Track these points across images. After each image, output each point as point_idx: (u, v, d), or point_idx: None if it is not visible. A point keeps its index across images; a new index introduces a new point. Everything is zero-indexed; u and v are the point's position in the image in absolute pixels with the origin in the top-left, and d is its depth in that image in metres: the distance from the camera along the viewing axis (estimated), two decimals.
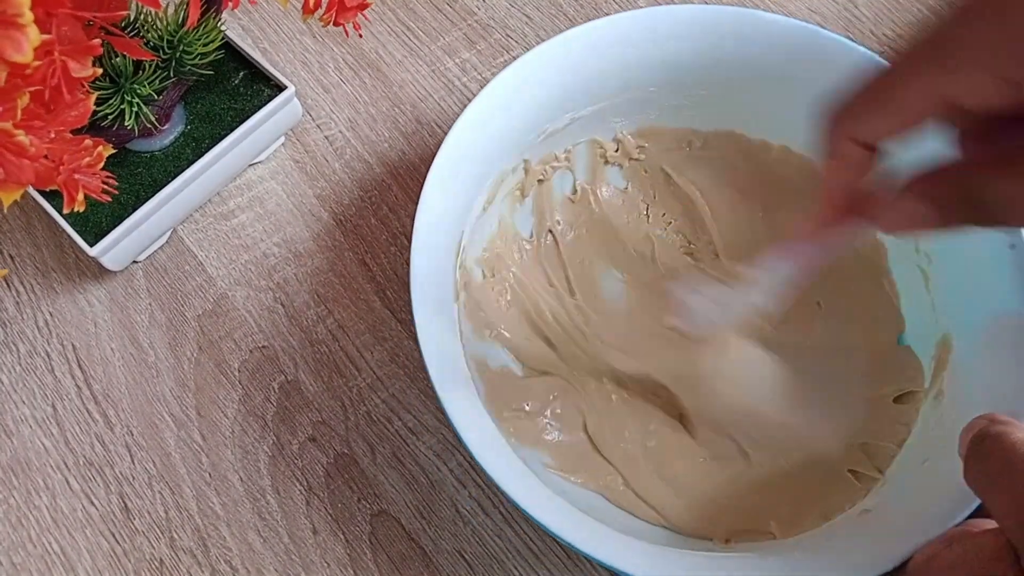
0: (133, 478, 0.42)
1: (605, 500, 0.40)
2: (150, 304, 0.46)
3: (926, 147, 0.28)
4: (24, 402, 0.44)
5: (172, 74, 0.42)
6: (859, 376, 0.42)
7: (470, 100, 0.51)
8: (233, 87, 0.47)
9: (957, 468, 0.31)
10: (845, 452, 0.40)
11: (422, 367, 0.44)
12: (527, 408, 0.41)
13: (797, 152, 0.44)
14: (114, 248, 0.43)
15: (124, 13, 0.33)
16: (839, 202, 0.30)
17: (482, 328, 0.42)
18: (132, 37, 0.41)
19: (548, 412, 0.42)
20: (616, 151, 0.46)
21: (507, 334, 0.43)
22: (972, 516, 0.32)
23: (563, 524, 0.33)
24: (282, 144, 0.50)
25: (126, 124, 0.41)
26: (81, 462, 0.43)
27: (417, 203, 0.48)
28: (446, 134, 0.39)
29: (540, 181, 0.45)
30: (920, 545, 0.31)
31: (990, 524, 0.29)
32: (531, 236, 0.46)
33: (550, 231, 0.46)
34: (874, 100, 0.26)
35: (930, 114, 0.25)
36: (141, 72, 0.41)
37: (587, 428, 0.41)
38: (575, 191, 0.46)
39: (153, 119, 0.42)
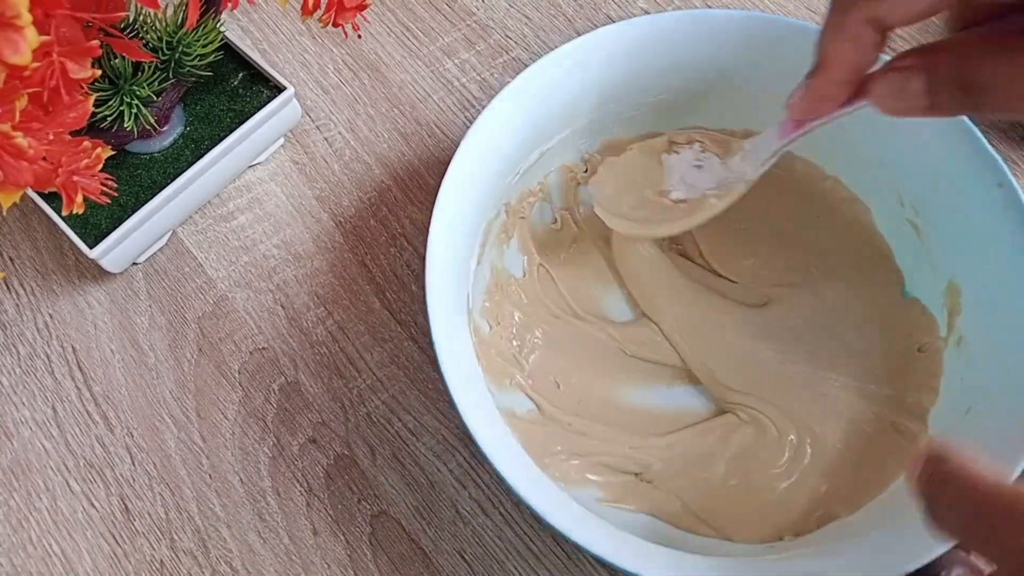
0: (133, 480, 0.42)
1: (665, 524, 0.40)
2: (150, 306, 0.46)
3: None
4: (24, 404, 0.44)
5: (171, 75, 0.42)
6: (872, 333, 0.42)
7: (469, 101, 0.51)
8: (232, 88, 0.47)
9: (1001, 416, 0.32)
10: (882, 405, 0.40)
11: (422, 368, 0.44)
12: (567, 450, 0.41)
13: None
14: (114, 250, 0.43)
15: (123, 14, 0.33)
16: (841, 79, 0.29)
17: (502, 378, 0.42)
18: (131, 38, 0.41)
19: (591, 454, 0.41)
20: (585, 171, 0.46)
21: (525, 380, 0.43)
22: None
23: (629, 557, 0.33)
24: (281, 145, 0.50)
25: (125, 126, 0.41)
26: (81, 464, 0.43)
27: (415, 204, 0.48)
28: (448, 159, 0.39)
29: (521, 218, 0.45)
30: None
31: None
32: (524, 275, 0.45)
33: (541, 264, 0.45)
34: None
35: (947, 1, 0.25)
36: (140, 73, 0.41)
37: (639, 474, 0.41)
38: (555, 220, 0.46)
39: (152, 120, 0.42)
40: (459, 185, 0.38)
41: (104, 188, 0.36)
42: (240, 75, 0.47)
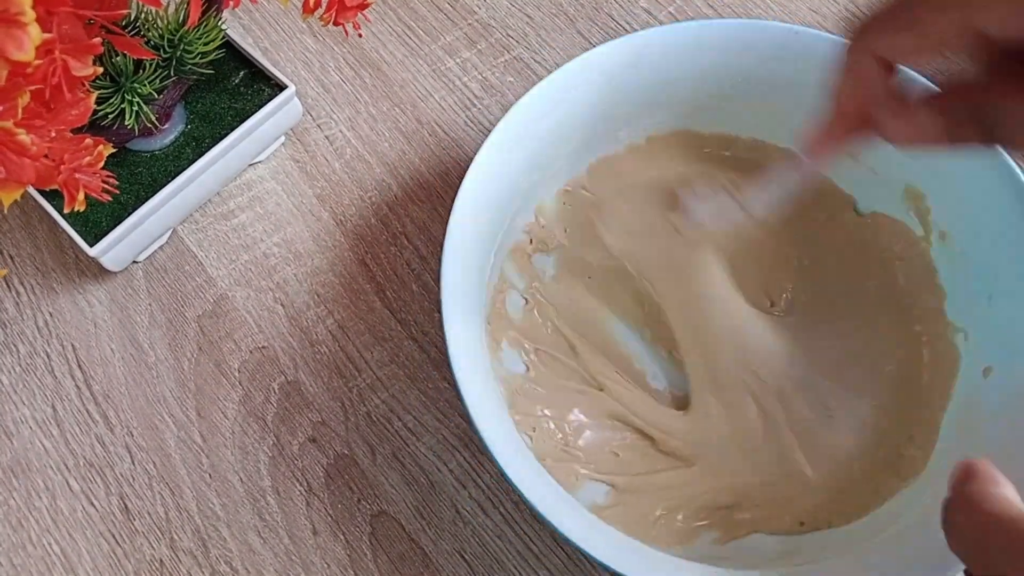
0: (133, 479, 0.42)
1: (778, 536, 0.40)
2: (150, 304, 0.46)
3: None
4: (24, 403, 0.44)
5: (172, 73, 0.42)
6: (853, 260, 0.44)
7: (471, 100, 0.51)
8: (233, 86, 0.47)
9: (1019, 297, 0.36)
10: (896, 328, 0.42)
11: (422, 367, 0.44)
12: (665, 510, 0.40)
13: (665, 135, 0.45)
14: (114, 248, 0.43)
15: (125, 12, 0.33)
16: (850, 114, 0.30)
17: (568, 478, 0.40)
18: (133, 36, 0.41)
19: (688, 502, 0.40)
20: (531, 243, 0.45)
21: (588, 469, 0.41)
22: None
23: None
24: (282, 144, 0.50)
25: (126, 123, 0.41)
26: (81, 463, 0.43)
27: (416, 203, 0.48)
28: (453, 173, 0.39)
29: (500, 317, 0.43)
30: None
31: None
32: (528, 369, 0.43)
33: (537, 350, 0.44)
34: (903, 20, 0.27)
35: (955, 40, 0.26)
36: (142, 71, 0.41)
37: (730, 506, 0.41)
38: (525, 301, 0.45)
39: (153, 118, 0.42)
40: (461, 321, 0.37)
41: (105, 186, 0.35)
42: (241, 73, 0.47)
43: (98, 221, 0.43)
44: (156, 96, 0.42)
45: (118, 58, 0.40)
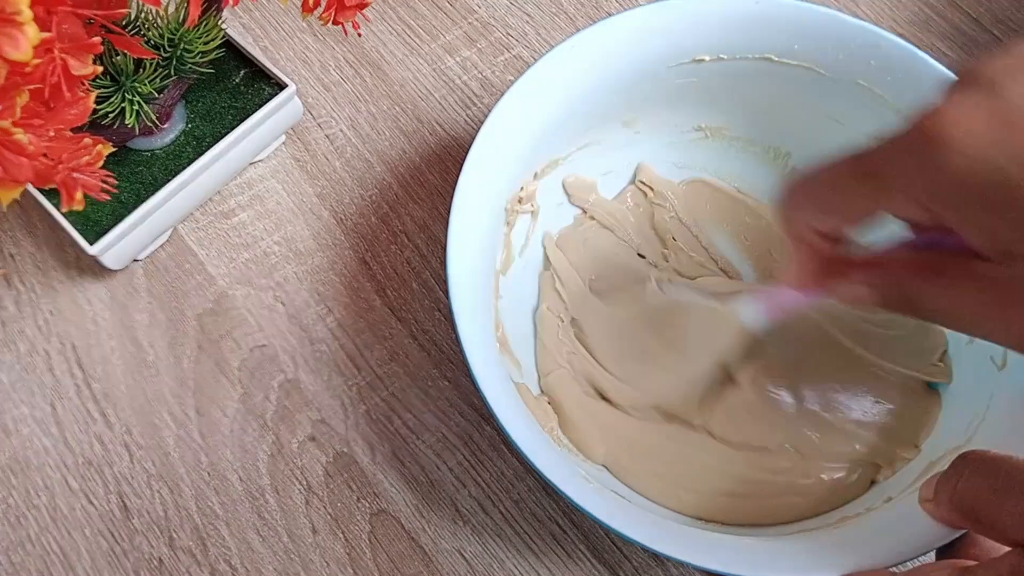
0: (132, 477, 0.42)
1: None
2: (150, 303, 0.46)
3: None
4: (23, 401, 0.44)
5: (173, 72, 0.42)
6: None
7: (471, 98, 0.51)
8: (234, 85, 0.47)
9: None
10: None
11: (422, 366, 0.44)
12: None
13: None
14: (114, 247, 0.43)
15: (124, 11, 0.33)
16: (812, 270, 0.32)
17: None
18: (132, 35, 0.40)
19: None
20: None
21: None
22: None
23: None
24: (283, 143, 0.50)
25: (126, 122, 0.41)
26: (80, 461, 0.43)
27: (416, 202, 0.48)
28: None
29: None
30: None
31: (969, 562, 0.27)
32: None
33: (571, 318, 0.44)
34: (819, 202, 0.28)
35: (871, 216, 0.27)
36: (142, 70, 0.41)
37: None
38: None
39: (153, 117, 0.42)
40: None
41: (104, 185, 0.35)
42: (241, 72, 0.47)
43: (98, 220, 0.43)
44: (156, 95, 0.42)
45: (118, 57, 0.40)
